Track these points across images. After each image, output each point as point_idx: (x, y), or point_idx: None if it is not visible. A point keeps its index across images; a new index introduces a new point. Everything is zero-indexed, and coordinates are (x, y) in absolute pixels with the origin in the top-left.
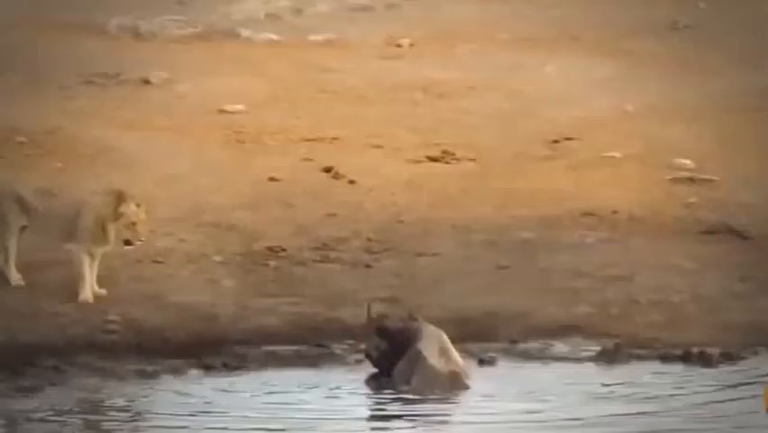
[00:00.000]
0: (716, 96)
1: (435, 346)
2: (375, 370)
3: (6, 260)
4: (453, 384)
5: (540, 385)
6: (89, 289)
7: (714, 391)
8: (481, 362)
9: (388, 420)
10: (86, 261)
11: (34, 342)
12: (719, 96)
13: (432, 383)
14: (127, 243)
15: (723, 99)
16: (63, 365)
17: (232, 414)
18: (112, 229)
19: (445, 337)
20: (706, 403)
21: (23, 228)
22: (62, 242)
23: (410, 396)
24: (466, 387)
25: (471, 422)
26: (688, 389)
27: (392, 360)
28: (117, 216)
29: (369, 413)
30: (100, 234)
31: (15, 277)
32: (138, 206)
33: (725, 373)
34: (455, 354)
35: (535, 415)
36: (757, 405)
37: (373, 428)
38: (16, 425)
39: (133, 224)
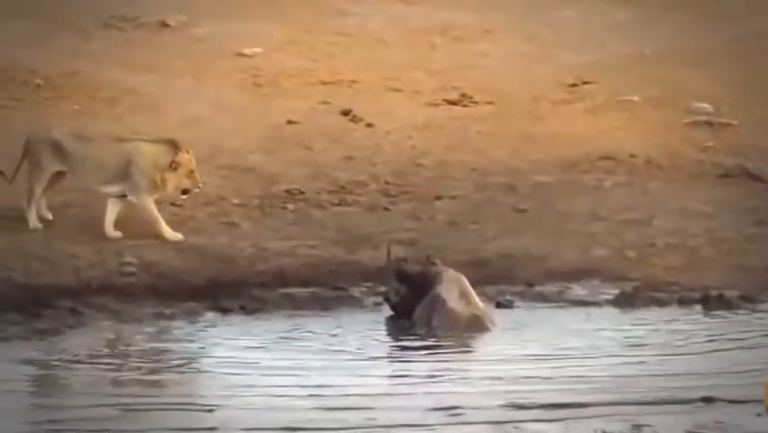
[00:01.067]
0: (734, 40)
1: (455, 290)
2: (393, 313)
3: (29, 203)
4: (474, 327)
5: (558, 328)
6: (167, 226)
7: (733, 334)
8: (499, 305)
9: (408, 363)
10: (152, 204)
11: (51, 284)
12: (737, 39)
13: (452, 326)
14: (185, 192)
15: (741, 43)
16: (80, 307)
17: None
18: (170, 178)
19: (465, 281)
20: (726, 348)
21: (60, 174)
22: (104, 186)
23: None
24: (487, 329)
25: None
26: (707, 332)
27: (411, 304)
28: (174, 165)
29: (388, 355)
30: (156, 182)
31: (34, 220)
32: (188, 152)
33: (743, 316)
34: (476, 298)
35: (552, 357)
36: None
37: (395, 370)
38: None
39: (191, 172)
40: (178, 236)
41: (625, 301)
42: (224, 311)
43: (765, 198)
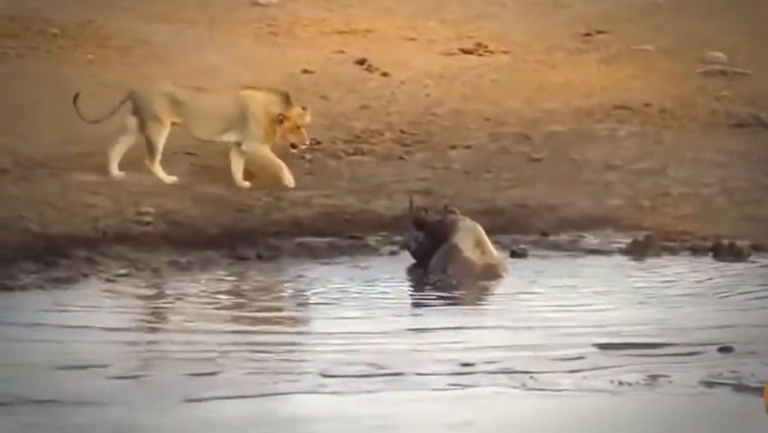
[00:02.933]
0: None
1: (471, 239)
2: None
3: (154, 158)
4: (488, 275)
5: (572, 277)
6: (287, 172)
7: (745, 282)
8: (513, 254)
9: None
10: (268, 151)
11: (67, 233)
12: None
13: (467, 273)
14: (293, 146)
15: None
16: (96, 256)
17: None
18: (278, 130)
19: (481, 230)
20: (737, 294)
21: (173, 124)
22: (220, 135)
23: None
24: (500, 277)
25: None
26: (719, 280)
27: (429, 251)
28: (281, 117)
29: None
30: (268, 131)
31: (164, 174)
32: (304, 109)
33: (755, 265)
34: (490, 247)
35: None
36: None
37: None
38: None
39: (298, 127)
40: (292, 183)
41: (637, 250)
42: (241, 259)
43: None
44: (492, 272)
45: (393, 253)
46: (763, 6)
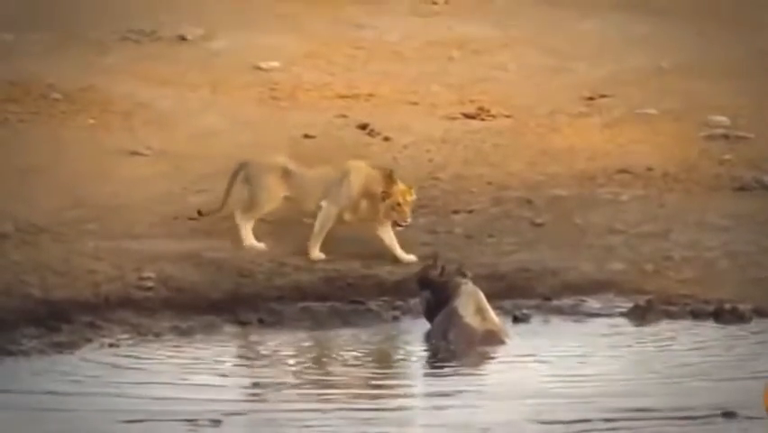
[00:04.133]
0: (751, 53)
1: (472, 305)
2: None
3: (246, 223)
4: (490, 341)
5: (574, 342)
6: (318, 247)
7: (746, 347)
8: (516, 319)
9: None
10: (331, 220)
11: (70, 298)
12: (754, 53)
13: (468, 340)
14: (395, 223)
15: (758, 56)
16: (99, 321)
17: None
18: (381, 207)
19: (482, 296)
20: (738, 360)
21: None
22: (318, 201)
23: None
24: (502, 343)
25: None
26: (721, 344)
27: (435, 311)
28: (384, 195)
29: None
30: (363, 205)
31: (251, 238)
32: (410, 188)
33: (757, 329)
34: (491, 313)
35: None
36: None
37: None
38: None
39: (398, 204)
40: (321, 256)
41: (638, 314)
42: (243, 324)
43: None
44: (494, 339)
45: (395, 318)
46: (765, 71)
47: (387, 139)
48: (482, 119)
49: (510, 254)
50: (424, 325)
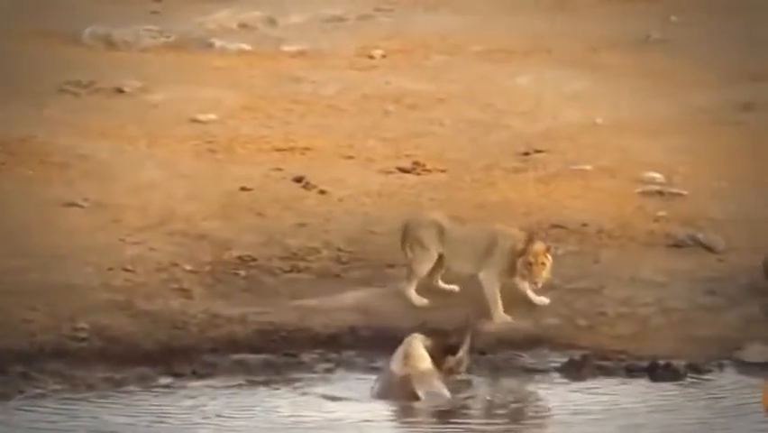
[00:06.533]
0: (686, 110)
1: (402, 351)
2: None
3: (410, 282)
4: (404, 389)
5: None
6: (502, 311)
7: (680, 404)
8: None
9: None
10: (497, 285)
11: (3, 348)
12: (690, 110)
13: (388, 388)
14: (533, 283)
15: (693, 113)
16: (33, 372)
17: None
18: (518, 264)
19: (417, 342)
20: (671, 417)
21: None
22: (472, 267)
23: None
24: (414, 394)
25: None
26: (654, 402)
27: None
28: (521, 252)
29: None
30: (509, 266)
31: (417, 297)
32: (547, 250)
33: (691, 386)
34: (416, 360)
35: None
36: (723, 420)
37: None
38: None
39: (530, 264)
40: (507, 319)
41: (572, 369)
42: (177, 376)
43: (716, 268)
44: (407, 386)
45: (328, 370)
46: (701, 127)
47: (322, 192)
48: (418, 173)
49: (445, 309)
50: (357, 378)
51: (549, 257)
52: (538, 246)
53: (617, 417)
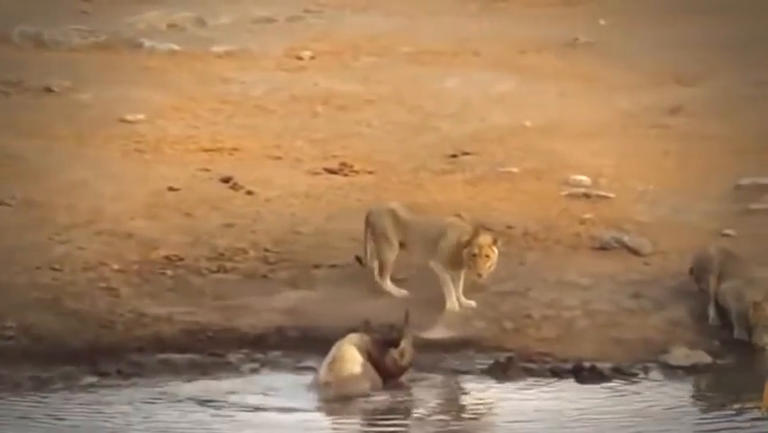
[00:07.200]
0: (613, 114)
1: (330, 355)
2: None
3: (383, 274)
4: (324, 394)
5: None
6: (455, 299)
7: (605, 405)
8: None
9: None
10: (447, 276)
11: None
12: (617, 113)
13: (316, 392)
14: (478, 275)
15: (620, 117)
16: None
17: None
18: (463, 254)
19: (346, 346)
20: (598, 419)
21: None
22: (425, 258)
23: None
24: (327, 398)
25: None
26: (580, 403)
27: None
28: (467, 244)
29: None
30: (456, 257)
31: (395, 288)
32: (494, 242)
33: (615, 388)
34: (341, 365)
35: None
36: (648, 422)
37: None
38: None
39: (474, 255)
40: (456, 307)
41: (498, 371)
42: (102, 375)
43: (642, 271)
44: (326, 391)
45: (254, 371)
46: (628, 130)
47: (250, 193)
48: (345, 174)
49: (370, 310)
50: (284, 377)
51: (495, 250)
52: (483, 239)
53: (545, 418)
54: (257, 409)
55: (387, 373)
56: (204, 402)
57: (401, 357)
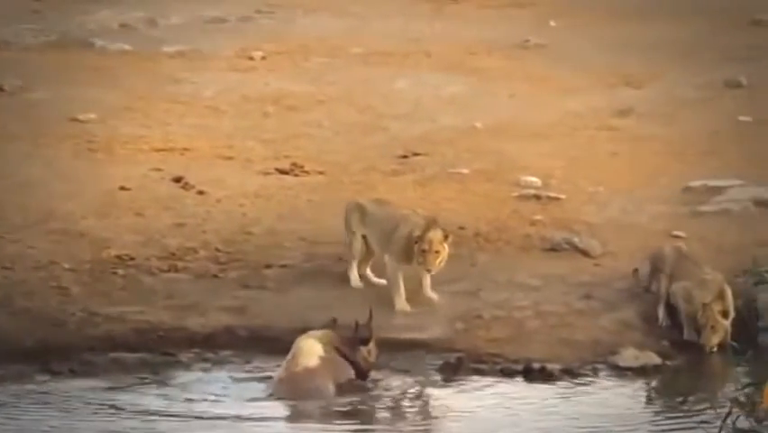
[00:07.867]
0: (564, 115)
1: (290, 353)
2: None
3: (350, 264)
4: (278, 391)
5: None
6: (403, 299)
7: (554, 406)
8: None
9: None
10: (399, 272)
11: None
12: (568, 114)
13: (273, 388)
14: (428, 270)
15: (571, 118)
16: None
17: None
18: (415, 249)
19: (304, 342)
20: (548, 420)
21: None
22: (381, 251)
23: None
24: (279, 395)
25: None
26: (530, 404)
27: None
28: (416, 239)
29: None
30: (407, 251)
31: (355, 280)
32: (446, 238)
33: (565, 389)
34: (297, 361)
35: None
36: (598, 423)
37: None
38: None
39: (423, 251)
40: (406, 308)
41: (448, 371)
42: (54, 374)
43: (592, 272)
44: (277, 388)
45: (205, 370)
46: (579, 132)
47: (201, 192)
48: (296, 175)
49: (322, 310)
50: (233, 377)
51: (446, 246)
52: (434, 234)
53: (494, 418)
54: (205, 409)
55: (359, 371)
56: (155, 401)
57: (370, 355)
